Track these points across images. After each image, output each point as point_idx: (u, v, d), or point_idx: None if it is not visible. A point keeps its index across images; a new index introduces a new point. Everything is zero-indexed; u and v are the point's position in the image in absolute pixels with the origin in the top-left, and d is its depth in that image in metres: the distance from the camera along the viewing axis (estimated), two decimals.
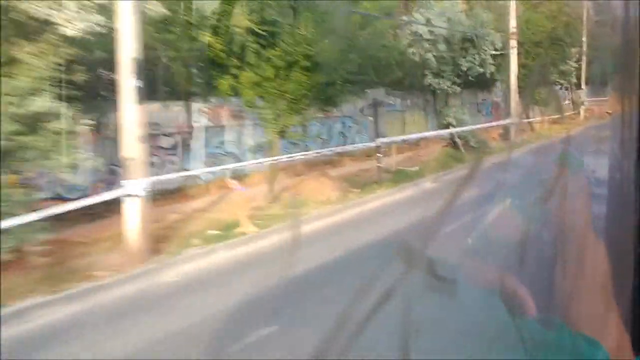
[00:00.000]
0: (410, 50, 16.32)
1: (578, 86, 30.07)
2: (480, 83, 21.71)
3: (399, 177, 12.08)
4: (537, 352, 0.92)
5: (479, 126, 19.36)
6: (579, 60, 28.32)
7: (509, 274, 0.93)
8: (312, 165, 12.29)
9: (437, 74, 16.81)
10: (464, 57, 17.13)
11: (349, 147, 13.28)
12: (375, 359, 2.26)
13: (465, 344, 4.02)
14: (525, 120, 24.73)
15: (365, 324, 0.73)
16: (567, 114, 28.11)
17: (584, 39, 29.80)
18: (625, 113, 1.12)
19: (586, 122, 27.77)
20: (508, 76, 19.83)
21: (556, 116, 27.44)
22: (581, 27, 28.68)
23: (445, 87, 16.88)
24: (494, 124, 20.56)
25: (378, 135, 13.46)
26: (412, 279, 0.76)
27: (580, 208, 1.07)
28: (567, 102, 32.55)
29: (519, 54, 20.06)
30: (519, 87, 20.01)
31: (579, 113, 30.13)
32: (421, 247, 0.78)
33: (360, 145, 13.32)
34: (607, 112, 35.44)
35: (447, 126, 17.01)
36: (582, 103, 30.13)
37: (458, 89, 17.27)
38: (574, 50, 26.79)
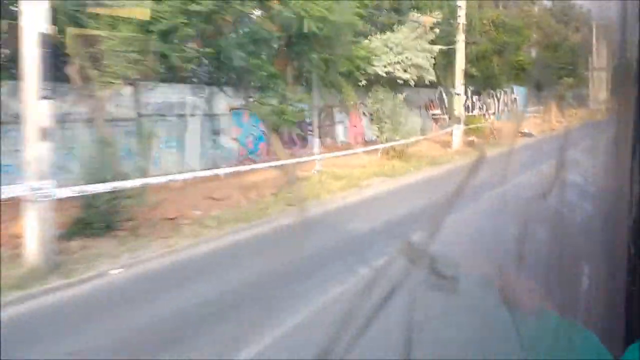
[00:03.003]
0: None
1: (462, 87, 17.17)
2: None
3: None
4: (532, 344, 1.02)
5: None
6: (449, 43, 15.17)
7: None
8: None
9: None
10: None
11: None
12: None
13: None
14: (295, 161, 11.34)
15: None
16: (417, 138, 14.75)
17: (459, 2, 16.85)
18: (621, 114, 1.14)
19: (459, 158, 14.64)
20: None
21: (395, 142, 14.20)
22: None
23: None
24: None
25: None
26: None
27: None
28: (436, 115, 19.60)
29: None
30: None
31: (452, 136, 16.99)
32: None
33: None
34: (520, 133, 20.80)
35: None
36: (458, 120, 16.97)
37: None
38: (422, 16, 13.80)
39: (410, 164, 13.54)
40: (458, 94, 15.71)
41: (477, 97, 26.38)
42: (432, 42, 15.25)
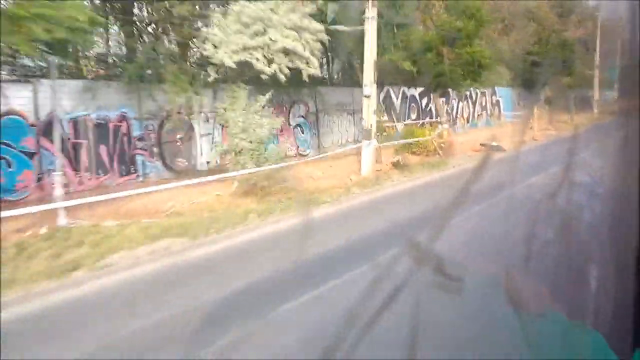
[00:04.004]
0: None
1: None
2: None
3: None
4: (538, 345, 1.00)
5: None
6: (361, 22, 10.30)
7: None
8: None
9: None
10: None
11: None
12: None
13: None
14: None
15: None
16: (287, 163, 9.90)
17: None
18: (629, 115, 1.12)
19: (359, 193, 9.73)
20: None
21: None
22: None
23: None
24: None
25: None
26: None
27: None
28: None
29: None
30: None
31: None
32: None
33: None
34: (485, 147, 16.36)
35: None
36: (367, 134, 12.08)
37: None
38: None
39: (263, 205, 8.60)
40: (367, 96, 10.70)
41: (443, 99, 21.33)
42: (329, 21, 10.29)
